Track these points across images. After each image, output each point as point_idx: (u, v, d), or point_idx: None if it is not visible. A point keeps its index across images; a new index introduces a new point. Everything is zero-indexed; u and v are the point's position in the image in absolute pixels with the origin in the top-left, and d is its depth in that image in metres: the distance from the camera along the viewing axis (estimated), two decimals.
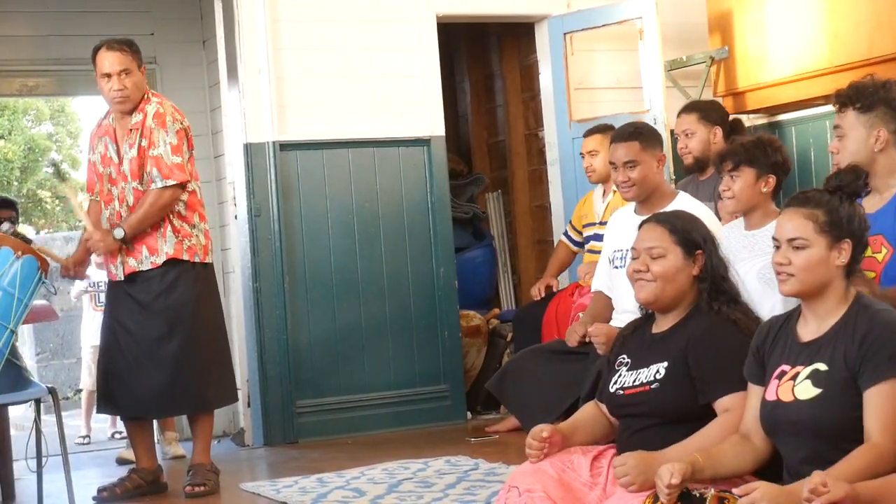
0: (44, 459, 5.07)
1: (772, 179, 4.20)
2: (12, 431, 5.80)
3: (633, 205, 4.87)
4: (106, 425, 8.43)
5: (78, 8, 7.89)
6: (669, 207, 4.62)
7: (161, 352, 5.28)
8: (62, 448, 4.88)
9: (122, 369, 5.33)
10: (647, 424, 3.30)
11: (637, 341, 3.48)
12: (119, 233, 5.23)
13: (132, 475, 5.42)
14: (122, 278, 5.34)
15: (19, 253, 4.65)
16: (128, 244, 5.27)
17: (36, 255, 4.71)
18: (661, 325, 3.45)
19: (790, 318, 3.08)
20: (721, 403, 3.22)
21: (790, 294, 3.03)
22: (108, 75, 5.29)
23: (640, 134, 4.76)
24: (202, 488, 5.26)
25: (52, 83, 8.91)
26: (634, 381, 3.36)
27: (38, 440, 5.00)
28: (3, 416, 5.53)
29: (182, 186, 5.28)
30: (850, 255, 2.98)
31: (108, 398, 5.45)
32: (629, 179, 4.69)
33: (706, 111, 6.13)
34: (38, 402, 5.00)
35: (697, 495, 2.82)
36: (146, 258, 5.29)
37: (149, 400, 5.34)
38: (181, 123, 5.32)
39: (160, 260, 5.28)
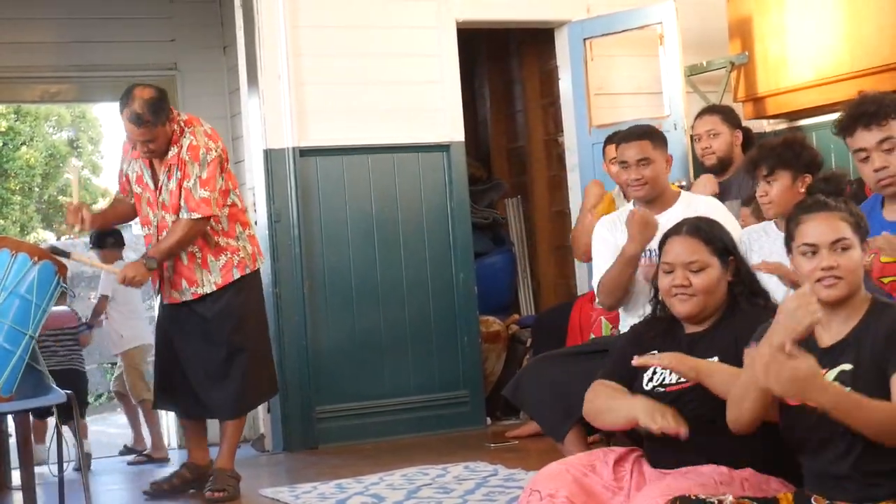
0: (65, 465, 5.08)
1: (808, 178, 4.18)
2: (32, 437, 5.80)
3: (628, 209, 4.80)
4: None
5: (99, 14, 7.92)
6: (676, 205, 4.62)
7: (211, 356, 5.40)
8: (80, 453, 4.89)
9: (175, 370, 5.48)
10: (690, 421, 3.22)
11: (669, 341, 3.37)
12: (152, 263, 5.31)
13: (182, 470, 5.59)
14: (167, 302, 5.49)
15: (36, 258, 4.65)
16: (157, 268, 5.37)
17: (53, 261, 4.71)
18: (696, 326, 3.38)
19: None
20: None
21: (837, 299, 2.87)
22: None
23: (650, 133, 4.77)
24: (222, 493, 5.29)
25: (73, 89, 8.96)
26: (679, 378, 3.23)
27: (59, 445, 4.99)
28: (25, 422, 5.54)
29: (210, 217, 5.33)
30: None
31: (165, 395, 5.61)
32: (642, 177, 4.66)
33: (728, 114, 6.14)
34: (58, 407, 5.01)
35: (716, 503, 2.76)
36: (186, 290, 5.41)
37: (201, 401, 5.46)
38: (216, 151, 5.32)
39: (203, 290, 5.38)
